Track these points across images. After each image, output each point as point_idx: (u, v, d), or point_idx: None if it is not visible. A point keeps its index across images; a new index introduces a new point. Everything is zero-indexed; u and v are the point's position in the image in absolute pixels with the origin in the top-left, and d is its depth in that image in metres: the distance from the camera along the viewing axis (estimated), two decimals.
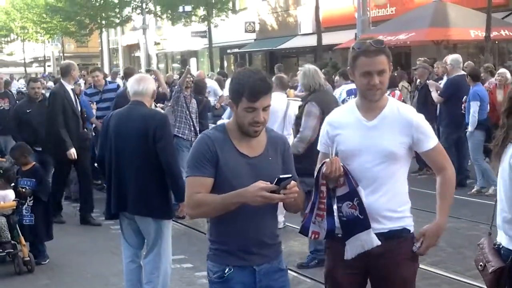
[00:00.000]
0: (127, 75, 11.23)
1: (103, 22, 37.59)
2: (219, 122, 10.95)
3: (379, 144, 3.50)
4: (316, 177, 3.51)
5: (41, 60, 54.95)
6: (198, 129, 9.58)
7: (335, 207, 3.51)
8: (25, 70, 46.77)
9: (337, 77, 12.27)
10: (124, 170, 5.26)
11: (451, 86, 10.82)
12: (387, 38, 17.18)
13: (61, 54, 50.38)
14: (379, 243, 3.47)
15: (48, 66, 52.89)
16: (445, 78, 11.42)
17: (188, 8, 31.79)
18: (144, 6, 33.88)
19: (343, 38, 22.65)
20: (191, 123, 9.62)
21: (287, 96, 14.41)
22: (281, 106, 8.34)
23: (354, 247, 3.50)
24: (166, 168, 5.25)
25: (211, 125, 11.16)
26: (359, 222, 3.46)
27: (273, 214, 3.43)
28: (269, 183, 3.09)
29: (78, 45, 50.46)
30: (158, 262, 5.38)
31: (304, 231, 3.58)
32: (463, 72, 10.97)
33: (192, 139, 9.29)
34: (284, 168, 3.38)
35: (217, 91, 13.58)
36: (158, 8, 33.87)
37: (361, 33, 18.79)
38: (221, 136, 3.31)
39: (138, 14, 34.96)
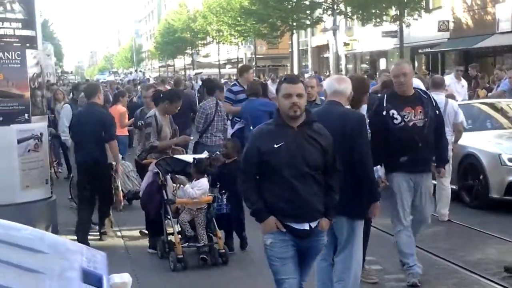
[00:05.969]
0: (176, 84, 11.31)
1: (294, 24, 38.29)
2: None
3: None
4: None
5: (234, 61, 57.22)
6: None
7: None
8: (219, 71, 48.95)
9: None
10: None
11: None
12: None
13: (253, 56, 52.17)
14: None
15: None
16: None
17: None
18: (335, 7, 33.98)
19: None
20: None
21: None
22: (439, 105, 8.54)
23: None
24: (360, 167, 5.17)
25: None
26: None
27: None
28: None
29: (269, 47, 51.81)
30: (349, 262, 5.34)
31: None
32: None
33: None
34: None
35: None
36: (349, 9, 33.83)
37: None
38: None
39: (329, 15, 35.12)
